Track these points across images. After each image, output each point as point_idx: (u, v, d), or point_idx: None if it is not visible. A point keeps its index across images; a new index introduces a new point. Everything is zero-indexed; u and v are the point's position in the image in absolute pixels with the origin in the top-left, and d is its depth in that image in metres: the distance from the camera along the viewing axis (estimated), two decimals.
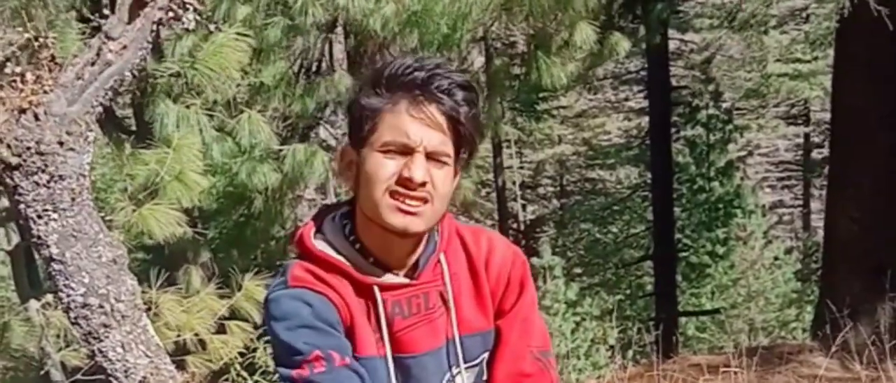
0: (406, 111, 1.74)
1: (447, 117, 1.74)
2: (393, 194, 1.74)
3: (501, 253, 1.94)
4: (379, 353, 1.84)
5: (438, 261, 1.87)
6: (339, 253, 1.83)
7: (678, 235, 17.96)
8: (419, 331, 1.86)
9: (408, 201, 1.74)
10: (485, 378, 1.96)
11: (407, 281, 1.84)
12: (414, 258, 1.85)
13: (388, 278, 1.83)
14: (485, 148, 21.63)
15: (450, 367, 1.90)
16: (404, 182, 1.73)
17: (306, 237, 1.87)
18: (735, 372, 6.88)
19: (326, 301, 1.80)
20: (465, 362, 1.91)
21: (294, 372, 1.75)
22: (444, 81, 1.75)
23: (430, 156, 1.74)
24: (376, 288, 1.82)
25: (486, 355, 1.95)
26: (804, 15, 20.88)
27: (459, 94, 1.76)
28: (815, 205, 22.94)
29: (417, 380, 1.87)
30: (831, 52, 11.89)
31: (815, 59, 19.91)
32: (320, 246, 1.85)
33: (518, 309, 1.95)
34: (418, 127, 1.73)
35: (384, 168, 1.74)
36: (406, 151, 1.74)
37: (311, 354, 1.74)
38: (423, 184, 1.73)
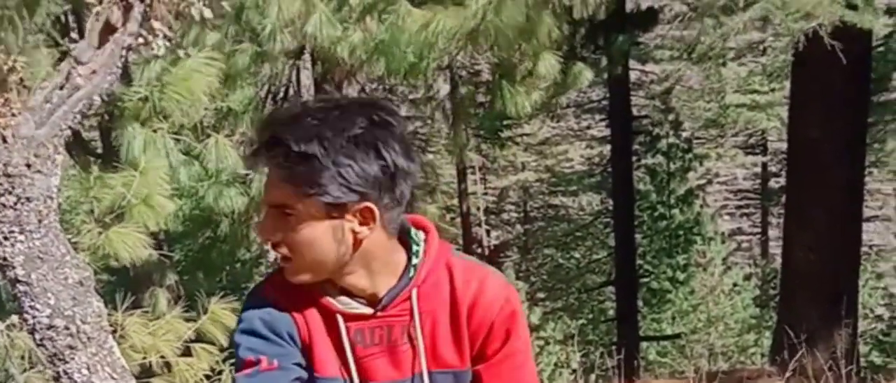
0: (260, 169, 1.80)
1: (277, 171, 1.73)
2: None
3: (489, 298, 1.88)
4: (342, 376, 1.87)
5: (409, 297, 1.85)
6: None
7: (639, 261, 18.09)
8: (380, 361, 1.87)
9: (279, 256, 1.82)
10: None
11: (369, 312, 1.85)
12: (382, 290, 1.84)
13: (352, 306, 1.85)
14: (450, 174, 21.72)
15: None
16: None
17: None
18: None
19: (284, 313, 1.85)
20: None
21: (235, 375, 1.87)
22: (272, 137, 1.73)
23: (277, 208, 1.77)
24: (339, 316, 1.85)
25: None
26: (761, 48, 21.18)
27: (283, 147, 1.71)
28: (773, 232, 23.23)
29: None
30: (788, 84, 12.11)
31: (772, 90, 20.18)
32: None
33: (503, 357, 1.90)
34: (266, 183, 1.77)
35: None
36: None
37: (246, 359, 1.82)
38: (269, 242, 1.81)
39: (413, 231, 1.89)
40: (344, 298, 1.85)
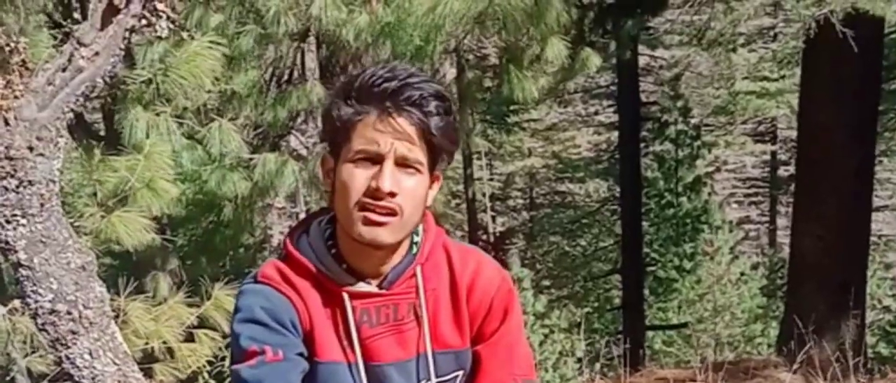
0: (376, 121, 1.73)
1: (417, 128, 1.73)
2: (363, 206, 1.74)
3: (487, 277, 1.92)
4: (346, 360, 1.85)
5: (414, 274, 1.86)
6: (316, 256, 1.85)
7: (646, 249, 18.05)
8: (386, 341, 1.86)
9: (376, 212, 1.74)
10: None
11: (377, 290, 1.84)
12: (388, 268, 1.84)
13: (359, 286, 1.83)
14: (455, 159, 21.63)
15: (419, 380, 1.90)
16: (372, 192, 1.73)
17: (289, 236, 1.90)
18: None
19: (286, 300, 1.82)
20: (437, 376, 1.90)
21: (233, 366, 1.81)
22: (415, 92, 1.73)
23: (401, 164, 1.74)
24: (346, 295, 1.83)
25: (459, 373, 1.93)
26: (772, 34, 21.13)
27: (430, 105, 1.74)
28: (782, 221, 23.16)
29: None
30: (798, 70, 12.01)
31: (783, 77, 20.10)
32: (299, 247, 1.87)
33: (501, 336, 1.93)
34: (388, 136, 1.72)
35: (355, 179, 1.74)
36: (377, 160, 1.73)
37: (249, 349, 1.78)
38: (392, 195, 1.73)
39: None
40: (349, 277, 1.84)
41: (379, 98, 1.73)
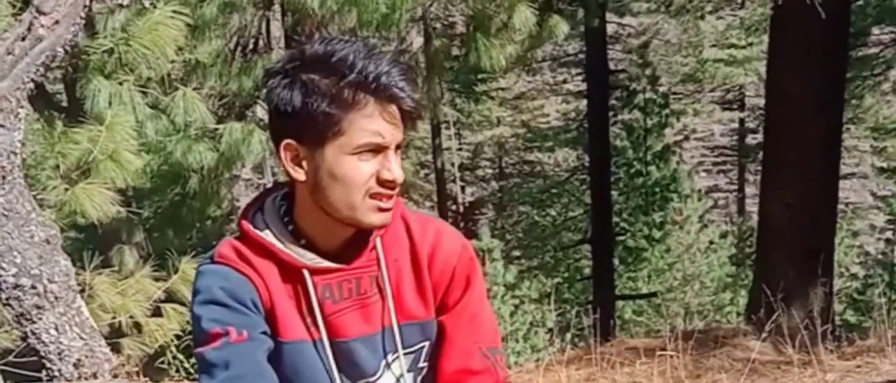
0: (376, 113, 1.69)
1: (405, 111, 1.72)
2: (373, 195, 1.72)
3: (448, 246, 1.89)
4: (310, 337, 1.82)
5: (374, 246, 1.83)
6: (273, 234, 1.82)
7: (615, 219, 18.14)
8: (350, 316, 1.84)
9: (387, 199, 1.73)
10: (421, 364, 1.93)
11: (336, 265, 1.81)
12: (348, 242, 1.82)
13: (319, 262, 1.80)
14: (424, 129, 21.66)
15: (386, 353, 1.88)
16: (385, 184, 1.71)
17: (244, 215, 1.86)
18: (671, 356, 6.95)
19: (245, 279, 1.79)
20: (403, 348, 1.88)
21: (197, 349, 1.78)
22: (399, 76, 1.71)
23: (396, 147, 1.73)
24: (306, 272, 1.80)
25: (425, 344, 1.91)
26: (739, 1, 21.19)
27: (412, 84, 1.73)
28: (750, 189, 23.34)
29: (351, 364, 1.86)
30: (766, 38, 12.05)
31: (750, 44, 20.21)
32: (255, 226, 1.83)
33: (464, 306, 1.91)
34: (387, 126, 1.70)
35: (361, 171, 1.70)
36: (377, 150, 1.71)
37: (212, 331, 1.74)
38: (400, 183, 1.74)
39: None
40: (309, 254, 1.80)
41: (373, 89, 1.69)
